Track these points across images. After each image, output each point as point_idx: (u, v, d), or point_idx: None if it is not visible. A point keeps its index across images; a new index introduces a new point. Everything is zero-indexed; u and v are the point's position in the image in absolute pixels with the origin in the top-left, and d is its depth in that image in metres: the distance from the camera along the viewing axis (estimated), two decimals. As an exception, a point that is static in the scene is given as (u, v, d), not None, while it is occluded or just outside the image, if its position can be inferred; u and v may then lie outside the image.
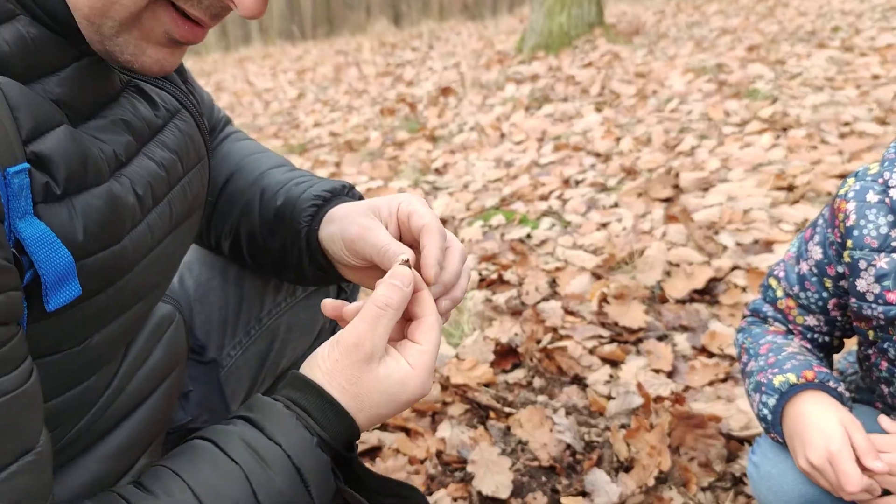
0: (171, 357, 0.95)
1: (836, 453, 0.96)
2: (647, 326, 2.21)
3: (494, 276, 2.60)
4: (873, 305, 1.05)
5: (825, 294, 1.14)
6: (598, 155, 3.86)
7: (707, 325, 2.20)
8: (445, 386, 2.02)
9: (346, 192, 1.00)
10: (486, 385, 2.03)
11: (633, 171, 3.47)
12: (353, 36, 14.32)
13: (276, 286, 1.21)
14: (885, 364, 1.10)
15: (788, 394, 1.06)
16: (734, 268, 2.46)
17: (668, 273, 2.47)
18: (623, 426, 1.79)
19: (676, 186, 3.18)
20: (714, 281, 2.42)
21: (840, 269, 1.09)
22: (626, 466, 1.68)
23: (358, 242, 0.87)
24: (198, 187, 0.87)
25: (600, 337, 2.18)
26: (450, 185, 3.87)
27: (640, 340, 2.17)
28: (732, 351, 2.05)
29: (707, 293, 2.38)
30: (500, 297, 2.45)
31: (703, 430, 1.68)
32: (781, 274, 1.21)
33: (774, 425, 1.08)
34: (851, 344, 1.24)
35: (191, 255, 1.19)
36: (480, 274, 2.66)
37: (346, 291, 1.28)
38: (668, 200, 3.09)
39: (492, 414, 1.93)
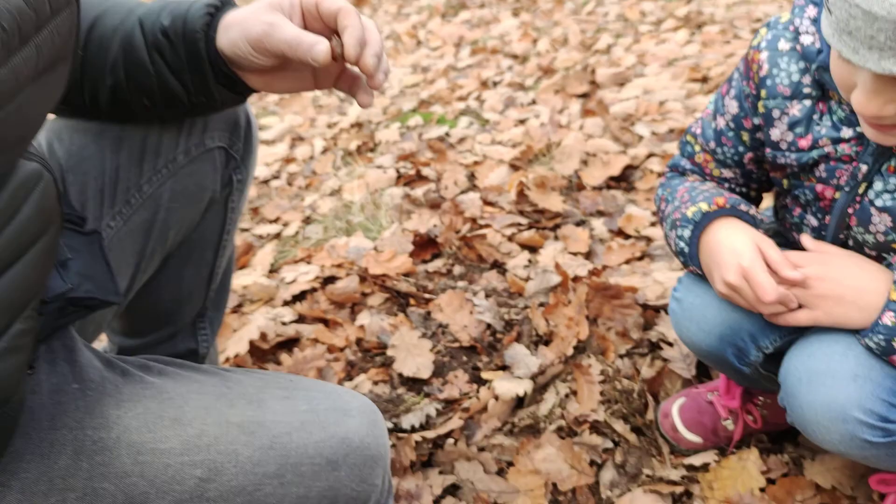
0: (42, 217, 0.87)
1: (749, 267, 0.97)
2: (564, 213, 2.20)
3: (412, 173, 2.54)
4: (787, 154, 1.05)
5: (741, 148, 1.13)
6: (515, 57, 3.80)
7: (623, 209, 2.21)
8: (364, 277, 1.98)
9: None
10: (406, 275, 2.00)
11: (550, 70, 3.43)
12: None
13: (154, 151, 1.13)
14: (797, 210, 1.11)
15: (702, 223, 1.05)
16: (650, 155, 2.47)
17: (584, 162, 2.47)
18: (542, 304, 1.80)
19: (593, 82, 3.16)
20: (630, 168, 2.43)
21: (756, 120, 1.08)
22: (546, 340, 1.69)
23: (266, 40, 0.84)
24: (66, 34, 0.78)
25: (519, 224, 2.17)
26: (366, 92, 3.75)
27: (557, 226, 2.17)
28: (649, 232, 2.07)
29: (623, 180, 2.39)
30: (419, 191, 2.40)
31: (619, 300, 1.69)
32: (699, 130, 1.19)
33: (692, 257, 1.09)
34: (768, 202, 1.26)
35: (60, 124, 1.10)
36: (398, 171, 2.60)
37: (236, 158, 1.22)
38: (584, 96, 3.07)
39: (412, 301, 1.90)
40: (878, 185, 0.94)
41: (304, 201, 2.59)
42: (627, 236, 2.09)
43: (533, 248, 2.07)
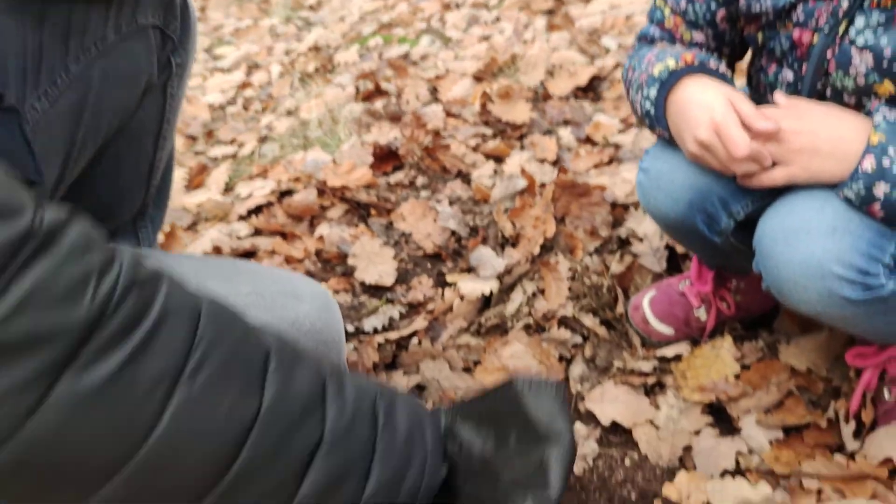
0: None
1: (721, 121, 0.90)
2: (531, 122, 2.12)
3: (371, 88, 2.44)
4: (761, 0, 0.98)
5: (713, 5, 1.06)
6: (478, -21, 3.67)
7: (591, 118, 2.13)
8: (322, 190, 1.90)
9: None
10: (367, 187, 1.92)
11: (514, -12, 3.31)
12: None
13: (81, 28, 1.03)
14: (773, 67, 1.04)
15: (670, 81, 0.99)
16: (617, 66, 2.40)
17: (550, 73, 2.38)
18: (508, 210, 1.73)
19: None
20: (598, 79, 2.35)
21: None
22: (512, 242, 1.62)
23: None
24: None
25: (484, 135, 2.09)
26: (324, 20, 3.61)
27: (523, 136, 2.09)
28: (618, 139, 2.01)
29: (591, 90, 2.31)
30: (378, 104, 2.30)
31: (588, 198, 1.63)
32: None
33: (658, 119, 1.02)
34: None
35: None
36: (357, 88, 2.50)
37: (173, 39, 1.12)
38: (550, 13, 2.97)
39: (373, 211, 1.82)
40: (859, 21, 0.88)
41: (259, 122, 2.48)
42: (595, 143, 2.02)
43: (499, 159, 1.99)
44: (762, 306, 1.32)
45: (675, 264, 1.50)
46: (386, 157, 2.02)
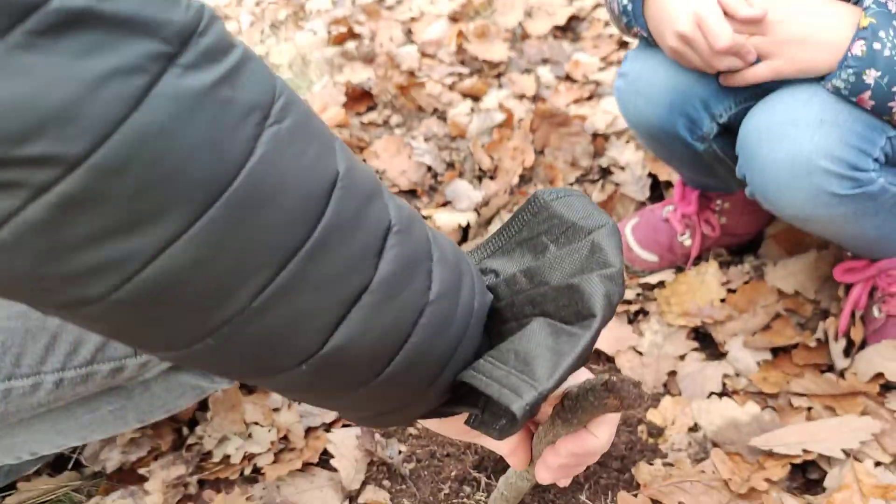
0: None
1: (703, 12, 0.85)
2: (508, 61, 2.06)
3: (344, 31, 2.35)
4: None
5: None
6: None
7: (571, 56, 2.07)
8: (293, 130, 1.82)
9: None
10: (340, 127, 1.85)
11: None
12: None
13: None
14: None
15: None
16: (597, 6, 2.33)
17: (528, 14, 2.31)
18: (484, 145, 1.67)
19: (536, -57, 2.97)
20: (576, 20, 2.28)
21: None
22: (490, 175, 1.56)
23: None
24: None
25: (460, 74, 2.02)
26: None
27: (501, 75, 2.02)
28: (598, 77, 1.95)
29: (570, 31, 2.24)
30: (351, 45, 2.22)
31: (567, 128, 1.57)
32: None
33: (636, 16, 0.96)
34: None
35: None
36: (329, 32, 2.41)
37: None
38: (528, -43, 2.89)
39: (345, 150, 1.75)
40: None
41: (229, 69, 2.39)
42: (575, 81, 1.96)
43: (476, 98, 1.92)
44: (748, 228, 1.28)
45: (658, 193, 1.45)
46: (359, 98, 1.95)
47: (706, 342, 1.20)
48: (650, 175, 1.46)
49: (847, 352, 1.10)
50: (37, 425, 0.76)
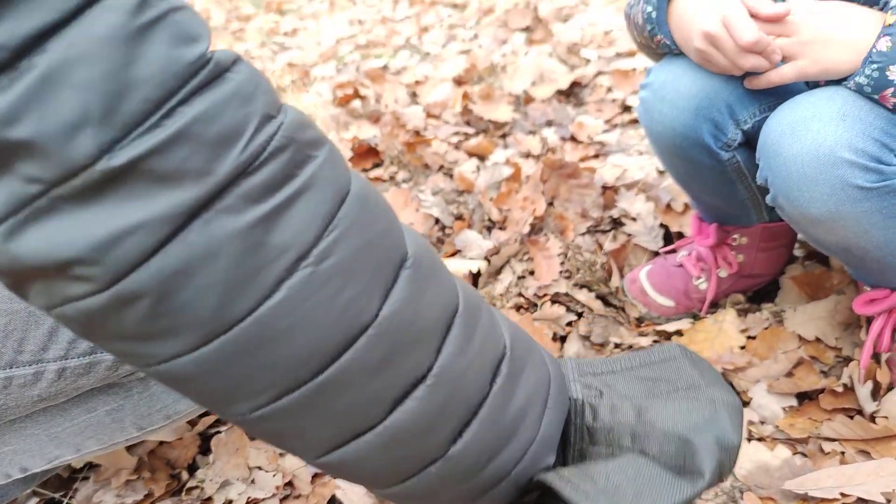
0: None
1: (728, 12, 0.87)
2: (513, 122, 2.08)
3: (350, 93, 2.38)
4: None
5: None
6: (455, 6, 3.68)
7: (575, 118, 2.09)
8: (299, 183, 1.82)
9: None
10: (345, 182, 1.84)
11: (491, 10, 3.32)
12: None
13: None
14: None
15: None
16: (599, 73, 2.37)
17: (533, 83, 2.35)
18: (493, 198, 1.66)
19: (536, 18, 3.06)
20: (578, 86, 2.32)
21: None
22: (500, 226, 1.55)
23: None
24: None
25: (466, 133, 2.04)
26: (300, 44, 3.59)
27: (506, 135, 2.04)
28: (602, 138, 1.96)
29: (573, 96, 2.28)
30: (357, 104, 2.25)
31: (577, 180, 1.57)
32: None
33: (660, 23, 0.98)
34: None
35: None
36: (335, 95, 2.44)
37: None
38: (528, 29, 2.97)
39: (352, 203, 1.74)
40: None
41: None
42: (580, 142, 1.97)
43: (482, 157, 1.93)
44: (765, 268, 1.26)
45: (670, 243, 1.44)
46: (365, 154, 1.96)
47: (727, 390, 1.16)
48: (662, 226, 1.45)
49: (874, 395, 1.07)
50: (30, 428, 0.72)
